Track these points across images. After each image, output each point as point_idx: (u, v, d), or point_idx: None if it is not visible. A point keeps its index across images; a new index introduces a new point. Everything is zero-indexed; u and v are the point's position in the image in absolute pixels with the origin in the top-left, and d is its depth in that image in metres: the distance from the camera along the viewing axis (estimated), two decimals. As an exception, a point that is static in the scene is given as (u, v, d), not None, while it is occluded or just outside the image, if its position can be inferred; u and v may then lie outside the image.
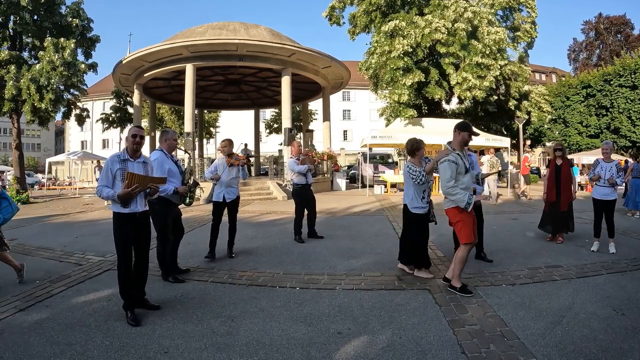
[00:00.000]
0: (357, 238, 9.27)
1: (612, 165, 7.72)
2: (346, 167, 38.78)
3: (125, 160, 4.63)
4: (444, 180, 5.29)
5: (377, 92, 27.72)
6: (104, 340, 4.08)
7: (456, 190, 5.21)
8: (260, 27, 22.66)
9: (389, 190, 21.71)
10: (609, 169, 7.70)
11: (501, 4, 23.98)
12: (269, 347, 3.92)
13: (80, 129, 53.77)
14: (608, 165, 7.76)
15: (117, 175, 4.55)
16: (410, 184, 6.16)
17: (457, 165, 5.25)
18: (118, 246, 4.63)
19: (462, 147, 5.47)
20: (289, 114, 22.47)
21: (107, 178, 4.57)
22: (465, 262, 5.38)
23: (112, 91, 34.29)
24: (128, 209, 4.56)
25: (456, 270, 5.36)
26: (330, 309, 4.90)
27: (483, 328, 4.26)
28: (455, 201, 5.25)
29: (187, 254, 7.48)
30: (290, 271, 6.61)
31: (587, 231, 9.48)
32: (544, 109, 28.36)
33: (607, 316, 4.55)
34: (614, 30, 55.53)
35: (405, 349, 3.86)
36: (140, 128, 4.91)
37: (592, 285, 5.70)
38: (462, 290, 5.26)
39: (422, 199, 6.14)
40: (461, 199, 5.18)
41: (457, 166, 5.25)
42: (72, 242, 9.09)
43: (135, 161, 4.69)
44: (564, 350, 3.78)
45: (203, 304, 5.16)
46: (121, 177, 4.52)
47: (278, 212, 13.69)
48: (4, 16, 20.07)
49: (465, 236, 5.31)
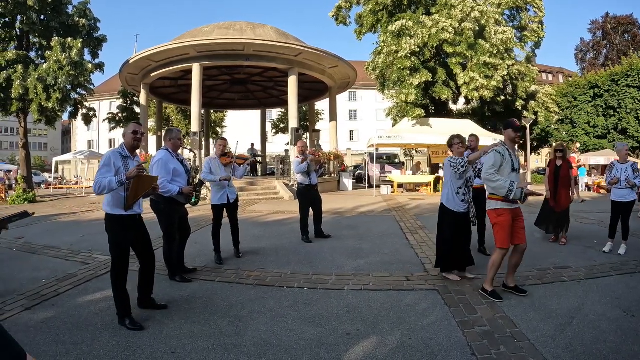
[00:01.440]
0: (364, 238, 9.23)
1: (627, 167, 7.63)
2: (352, 167, 38.74)
3: (126, 157, 4.44)
4: (485, 166, 5.17)
5: (384, 92, 27.67)
6: (111, 340, 4.07)
7: (497, 176, 5.04)
8: (267, 27, 22.64)
9: (396, 191, 21.64)
10: (625, 170, 7.62)
11: (508, 4, 23.83)
12: (277, 348, 3.90)
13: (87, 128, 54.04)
14: (623, 166, 7.68)
15: (120, 171, 4.31)
16: (448, 179, 6.02)
17: (502, 157, 5.11)
18: (115, 250, 4.44)
19: (512, 145, 5.34)
20: (295, 114, 22.47)
21: (109, 172, 4.27)
22: (498, 267, 5.23)
23: (119, 91, 34.34)
24: (131, 210, 4.44)
25: (489, 274, 5.26)
26: (338, 309, 4.87)
27: (493, 329, 4.22)
28: (495, 188, 5.07)
29: (193, 253, 7.46)
30: (298, 271, 6.58)
31: (595, 232, 9.44)
32: (551, 109, 28.23)
33: (617, 318, 4.50)
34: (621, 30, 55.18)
35: (415, 350, 3.83)
36: (140, 124, 4.80)
37: (602, 286, 5.65)
38: (492, 294, 5.16)
39: (457, 194, 5.93)
40: (502, 185, 4.99)
41: (503, 159, 5.11)
42: (78, 241, 9.11)
43: (135, 159, 4.56)
44: (574, 352, 3.74)
45: (210, 304, 5.14)
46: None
47: (285, 212, 13.67)
48: (11, 16, 20.16)
49: (500, 240, 5.17)
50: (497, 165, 5.10)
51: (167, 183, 5.60)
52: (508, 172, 5.12)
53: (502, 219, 5.14)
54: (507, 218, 5.13)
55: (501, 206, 5.12)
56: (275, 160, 27.70)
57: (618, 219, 7.76)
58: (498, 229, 5.19)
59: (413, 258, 7.35)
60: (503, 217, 5.13)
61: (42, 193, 26.36)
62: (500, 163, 5.11)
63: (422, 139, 21.94)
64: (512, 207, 5.15)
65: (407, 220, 11.57)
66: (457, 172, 5.81)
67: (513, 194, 4.94)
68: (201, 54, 20.69)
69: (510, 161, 5.15)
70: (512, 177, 5.11)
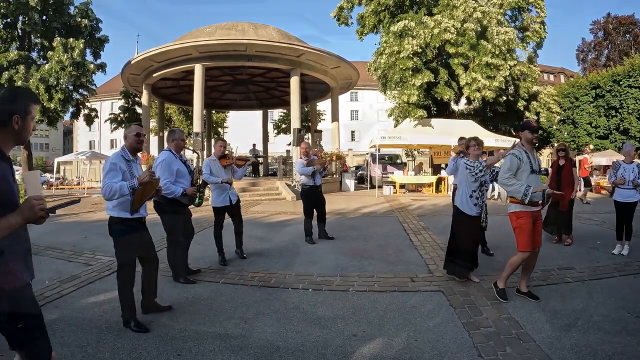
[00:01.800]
0: (367, 239, 9.23)
1: (633, 167, 7.58)
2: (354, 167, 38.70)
3: (129, 161, 4.39)
4: (502, 170, 5.13)
5: (386, 92, 27.65)
6: (116, 342, 4.06)
7: (512, 180, 4.99)
8: (269, 27, 22.65)
9: (398, 191, 21.63)
10: (632, 170, 7.59)
11: (510, 4, 23.88)
12: (283, 349, 3.89)
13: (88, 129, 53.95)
14: (630, 167, 7.64)
15: (125, 175, 4.26)
16: (463, 181, 5.96)
17: (519, 160, 5.04)
18: (122, 253, 4.44)
19: (530, 146, 5.24)
20: (297, 114, 22.44)
21: (117, 177, 4.20)
22: (516, 268, 5.19)
23: (121, 91, 34.40)
24: (137, 213, 4.39)
25: (505, 272, 5.22)
26: (344, 310, 4.87)
27: (498, 330, 4.22)
28: (511, 192, 5.02)
29: (197, 254, 7.43)
30: (302, 272, 6.58)
31: (598, 232, 9.43)
32: (552, 109, 28.25)
33: (622, 319, 4.50)
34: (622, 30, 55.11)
35: (422, 351, 3.83)
36: (141, 126, 4.76)
37: (606, 287, 5.64)
38: (500, 293, 5.15)
39: (470, 197, 5.86)
40: (517, 190, 4.92)
41: (520, 162, 5.03)
42: (81, 242, 9.10)
43: (137, 162, 4.52)
44: (580, 352, 3.74)
45: (215, 305, 5.14)
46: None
47: (287, 213, 13.66)
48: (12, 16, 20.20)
49: (522, 244, 5.09)
50: (514, 169, 5.05)
51: (170, 184, 5.59)
52: (527, 174, 5.05)
53: (522, 222, 5.08)
54: (528, 221, 5.06)
55: (521, 209, 5.06)
56: (277, 160, 27.68)
57: (624, 220, 7.71)
58: (519, 231, 5.13)
59: (417, 259, 7.34)
60: (523, 220, 5.07)
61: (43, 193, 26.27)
62: (517, 166, 5.05)
63: (423, 140, 21.96)
64: (532, 209, 5.08)
65: (410, 221, 11.56)
66: (474, 175, 5.75)
67: (529, 198, 4.87)
68: (203, 54, 20.68)
69: (529, 163, 5.08)
70: (531, 180, 5.05)
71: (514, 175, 5.05)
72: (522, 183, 4.96)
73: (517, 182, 4.99)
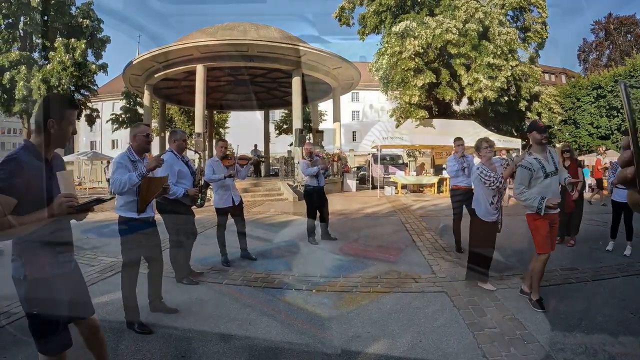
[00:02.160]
0: (370, 240, 9.25)
1: None
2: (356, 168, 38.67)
3: (135, 161, 4.37)
4: (515, 184, 5.04)
5: (388, 93, 27.64)
6: (119, 344, 4.06)
7: (524, 195, 4.90)
8: (271, 28, 22.64)
9: (400, 192, 21.60)
10: None
11: (512, 4, 23.85)
12: (288, 351, 3.90)
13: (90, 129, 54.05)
14: None
15: None
16: (480, 190, 5.78)
17: (530, 170, 4.91)
18: (128, 253, 4.45)
19: (540, 149, 5.08)
20: (299, 115, 22.44)
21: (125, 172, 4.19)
22: (541, 274, 5.03)
23: (122, 92, 34.44)
24: (144, 214, 4.38)
25: (534, 283, 5.02)
26: (347, 311, 4.87)
27: (502, 331, 4.22)
28: (527, 206, 4.95)
29: (200, 255, 7.41)
30: (305, 273, 6.56)
31: (600, 233, 9.39)
32: (554, 110, 28.20)
33: (625, 319, 4.50)
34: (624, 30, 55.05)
35: (427, 352, 3.83)
36: (148, 125, 4.76)
37: (609, 288, 5.65)
38: (535, 303, 4.93)
39: (491, 205, 5.68)
40: (530, 204, 4.87)
41: (531, 171, 4.91)
42: (82, 243, 9.08)
43: (143, 162, 4.45)
44: (584, 353, 3.74)
45: (219, 306, 5.14)
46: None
47: (290, 213, 13.67)
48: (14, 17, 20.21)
49: (540, 245, 5.00)
50: (525, 181, 4.95)
51: (172, 185, 5.57)
52: (541, 180, 4.93)
53: (539, 223, 4.97)
54: (544, 222, 4.96)
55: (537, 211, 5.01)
56: (279, 161, 27.67)
57: (619, 220, 7.70)
58: (536, 233, 5.04)
59: (420, 260, 7.33)
60: (539, 222, 4.96)
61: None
62: (528, 177, 4.94)
63: (425, 140, 21.94)
64: (549, 211, 4.98)
65: (412, 221, 11.54)
66: (491, 187, 5.58)
67: (543, 211, 4.80)
68: (205, 55, 20.69)
69: (541, 168, 4.93)
70: (547, 183, 4.92)
71: (528, 186, 4.96)
72: (535, 196, 4.86)
73: (530, 195, 4.89)
